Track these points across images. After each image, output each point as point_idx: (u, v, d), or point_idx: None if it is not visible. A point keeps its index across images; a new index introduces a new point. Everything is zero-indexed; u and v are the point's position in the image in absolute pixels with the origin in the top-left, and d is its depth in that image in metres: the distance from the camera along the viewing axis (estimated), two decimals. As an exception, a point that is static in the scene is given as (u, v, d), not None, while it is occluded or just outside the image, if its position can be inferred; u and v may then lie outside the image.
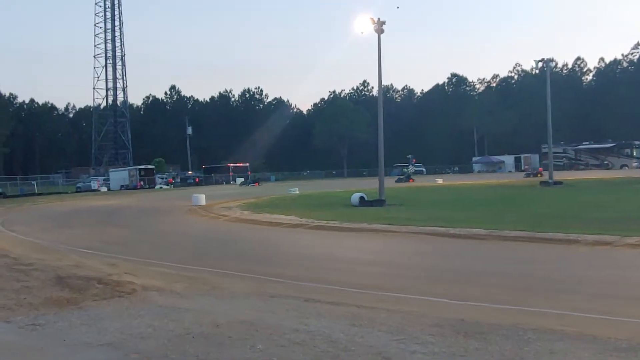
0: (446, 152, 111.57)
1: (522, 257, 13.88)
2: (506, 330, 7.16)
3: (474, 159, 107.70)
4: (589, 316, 8.04)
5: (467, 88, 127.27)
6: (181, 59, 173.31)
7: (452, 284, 10.88)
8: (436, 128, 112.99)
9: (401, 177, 66.16)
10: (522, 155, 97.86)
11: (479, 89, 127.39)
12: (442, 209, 26.54)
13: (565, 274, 11.63)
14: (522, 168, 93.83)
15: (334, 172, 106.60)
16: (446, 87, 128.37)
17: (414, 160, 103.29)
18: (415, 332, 7.17)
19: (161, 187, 74.94)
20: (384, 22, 31.20)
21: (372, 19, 31.29)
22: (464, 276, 11.67)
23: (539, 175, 64.52)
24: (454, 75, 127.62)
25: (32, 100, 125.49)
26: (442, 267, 13.15)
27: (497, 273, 11.93)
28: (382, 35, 31.36)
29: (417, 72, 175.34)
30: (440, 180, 61.27)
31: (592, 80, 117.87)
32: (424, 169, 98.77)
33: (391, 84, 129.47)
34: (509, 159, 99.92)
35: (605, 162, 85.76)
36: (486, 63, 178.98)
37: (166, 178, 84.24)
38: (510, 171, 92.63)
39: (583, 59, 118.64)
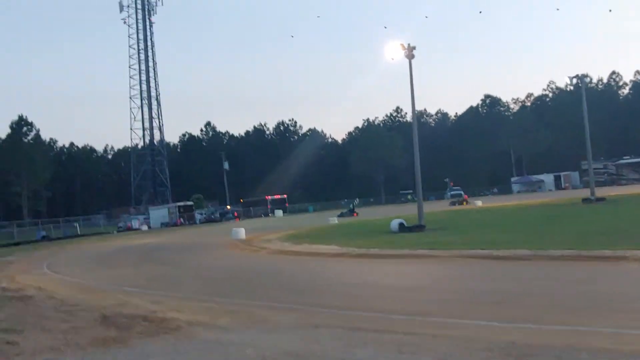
0: (484, 174, 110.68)
1: (569, 277, 13.59)
2: (559, 351, 6.98)
3: (513, 179, 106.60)
4: (643, 334, 7.81)
5: (502, 108, 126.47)
6: (215, 95, 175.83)
7: (499, 306, 10.67)
8: (472, 150, 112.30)
9: (344, 212, 62.09)
10: (562, 174, 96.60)
11: (513, 108, 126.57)
12: (484, 232, 26.22)
13: (615, 291, 11.34)
14: (563, 186, 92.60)
15: (371, 200, 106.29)
16: (480, 109, 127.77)
17: (452, 184, 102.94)
18: (464, 357, 7.04)
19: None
20: (414, 48, 31.26)
21: (402, 45, 31.37)
22: (511, 298, 11.44)
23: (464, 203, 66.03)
24: (487, 96, 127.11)
25: (71, 144, 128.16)
26: (488, 289, 12.92)
27: (545, 294, 11.68)
28: (413, 60, 31.41)
29: (450, 95, 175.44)
30: (479, 203, 60.70)
31: (628, 93, 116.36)
32: (462, 193, 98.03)
33: (424, 109, 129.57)
34: (548, 178, 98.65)
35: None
36: (519, 82, 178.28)
37: (205, 214, 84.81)
38: (550, 190, 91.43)
39: (618, 73, 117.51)
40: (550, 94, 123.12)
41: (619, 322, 8.48)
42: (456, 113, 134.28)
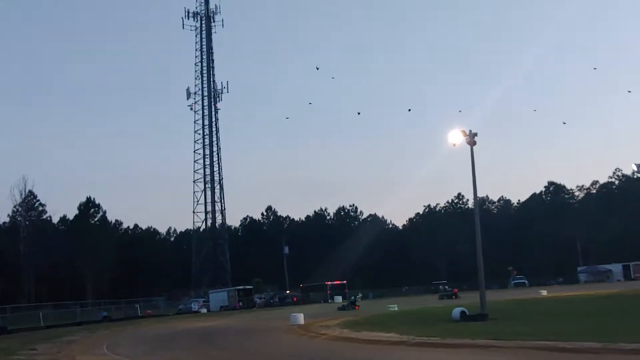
0: (548, 262, 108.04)
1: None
2: None
3: (579, 268, 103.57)
4: None
5: (566, 196, 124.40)
6: (277, 180, 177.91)
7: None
8: (536, 238, 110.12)
9: (345, 305, 55.44)
10: (631, 263, 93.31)
11: (578, 196, 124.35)
12: (549, 322, 25.36)
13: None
14: (632, 276, 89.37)
15: (432, 287, 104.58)
16: (544, 196, 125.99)
17: (515, 273, 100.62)
18: None
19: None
20: (475, 134, 31.22)
21: (463, 131, 31.36)
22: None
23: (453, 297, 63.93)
24: (551, 183, 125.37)
25: (135, 226, 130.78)
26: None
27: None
28: (474, 147, 31.33)
29: (513, 181, 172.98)
30: (544, 292, 58.99)
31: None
32: (526, 281, 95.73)
33: (487, 195, 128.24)
34: (616, 268, 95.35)
35: None
36: (584, 169, 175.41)
37: (264, 298, 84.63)
38: (619, 280, 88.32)
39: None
40: (617, 182, 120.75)
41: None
42: (519, 200, 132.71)
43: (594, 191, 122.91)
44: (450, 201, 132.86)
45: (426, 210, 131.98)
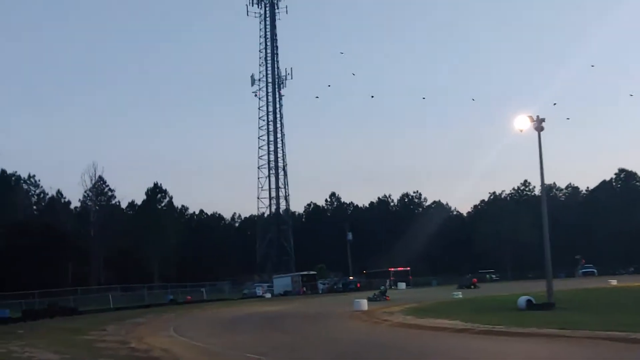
0: (618, 251, 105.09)
1: None
2: None
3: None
4: None
5: (637, 183, 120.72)
6: (340, 166, 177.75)
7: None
8: (605, 226, 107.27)
9: (375, 294, 49.21)
10: None
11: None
12: (619, 313, 24.74)
13: None
14: None
15: (497, 276, 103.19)
16: (614, 183, 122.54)
17: (583, 262, 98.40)
18: None
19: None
20: (543, 120, 30.65)
21: (530, 117, 30.83)
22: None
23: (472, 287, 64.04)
24: (621, 170, 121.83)
25: (201, 211, 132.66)
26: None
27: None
28: (542, 133, 30.75)
29: (581, 168, 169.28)
30: (614, 282, 57.57)
31: None
32: (595, 270, 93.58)
33: (554, 182, 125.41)
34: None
35: None
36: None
37: (328, 284, 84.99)
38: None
39: None
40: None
41: None
42: (587, 187, 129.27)
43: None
44: (515, 188, 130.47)
45: (491, 197, 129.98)
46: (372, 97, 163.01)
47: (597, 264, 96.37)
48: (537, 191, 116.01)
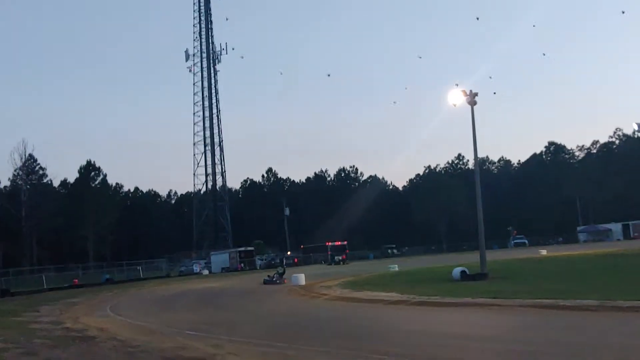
0: (548, 222, 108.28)
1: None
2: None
3: (579, 228, 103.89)
4: None
5: (566, 156, 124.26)
6: (277, 141, 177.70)
7: (571, 358, 10.30)
8: (536, 198, 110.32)
9: (270, 276, 42.14)
10: (631, 223, 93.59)
11: (578, 156, 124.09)
12: (549, 281, 25.49)
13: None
14: (632, 235, 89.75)
15: (432, 248, 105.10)
16: (544, 156, 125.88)
17: (515, 232, 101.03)
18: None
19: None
20: (476, 94, 31.07)
21: (464, 91, 31.21)
22: (578, 352, 11.03)
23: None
24: (551, 143, 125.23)
25: (136, 189, 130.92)
26: (553, 341, 12.50)
27: (615, 348, 11.23)
28: (475, 107, 31.21)
29: (513, 142, 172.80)
30: (544, 252, 59.26)
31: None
32: (526, 241, 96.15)
33: (487, 156, 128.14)
34: (616, 227, 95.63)
35: None
36: (584, 129, 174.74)
37: (265, 259, 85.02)
38: (618, 239, 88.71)
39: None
40: (617, 141, 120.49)
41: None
42: (519, 160, 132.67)
43: (595, 151, 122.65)
44: (450, 162, 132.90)
45: (426, 171, 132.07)
46: (329, 75, 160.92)
47: (528, 235, 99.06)
48: (471, 165, 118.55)
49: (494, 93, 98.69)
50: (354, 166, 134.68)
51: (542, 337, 13.04)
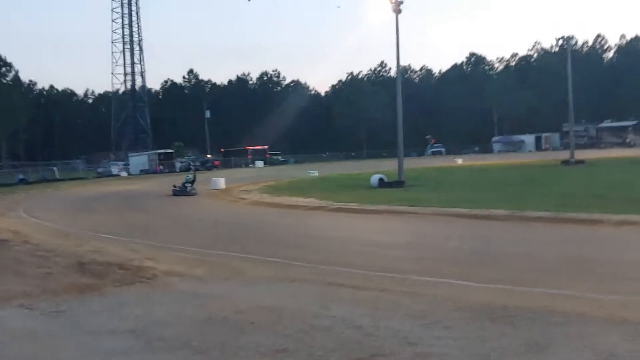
0: (466, 132, 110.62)
1: (546, 239, 13.70)
2: (533, 314, 7.01)
3: (494, 138, 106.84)
4: (618, 298, 7.83)
5: (486, 67, 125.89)
6: (198, 42, 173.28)
7: (476, 266, 10.72)
8: (455, 108, 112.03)
9: (178, 186, 33.93)
10: (543, 135, 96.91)
11: (497, 68, 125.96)
12: (463, 190, 26.28)
13: (592, 255, 11.43)
14: (543, 147, 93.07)
15: (353, 154, 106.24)
16: (464, 67, 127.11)
17: (433, 141, 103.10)
18: (440, 316, 7.06)
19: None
20: (401, 2, 30.85)
21: (389, -2, 30.96)
22: (489, 258, 11.50)
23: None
24: (472, 54, 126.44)
25: (51, 87, 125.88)
26: (465, 249, 12.98)
27: (522, 255, 11.76)
28: (399, 16, 31.07)
29: (435, 52, 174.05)
30: (460, 161, 60.87)
31: (613, 57, 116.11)
32: (443, 150, 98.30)
33: (409, 65, 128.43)
34: (529, 139, 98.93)
35: (627, 140, 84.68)
36: (505, 42, 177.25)
37: (185, 162, 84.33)
38: (530, 150, 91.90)
39: (604, 36, 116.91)
40: (535, 55, 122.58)
41: (596, 286, 8.54)
42: (440, 70, 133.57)
43: (513, 63, 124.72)
44: (372, 69, 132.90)
45: (349, 77, 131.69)
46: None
47: (446, 143, 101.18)
48: (393, 73, 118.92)
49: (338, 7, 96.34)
50: (276, 70, 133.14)
51: (455, 246, 13.51)
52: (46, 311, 8.01)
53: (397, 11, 30.81)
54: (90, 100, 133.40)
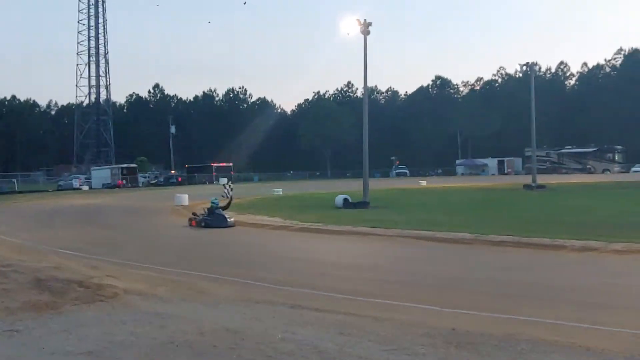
0: (431, 154, 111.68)
1: (509, 264, 13.77)
2: (498, 341, 6.99)
3: (458, 161, 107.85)
4: (581, 326, 7.87)
5: (452, 90, 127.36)
6: (165, 57, 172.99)
7: (441, 290, 10.73)
8: (420, 130, 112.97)
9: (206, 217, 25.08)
10: (505, 159, 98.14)
11: (462, 91, 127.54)
12: (428, 212, 26.41)
13: (554, 281, 11.50)
14: (505, 171, 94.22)
15: (317, 173, 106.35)
16: (430, 90, 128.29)
17: (398, 162, 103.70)
18: (405, 342, 7.00)
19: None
20: (370, 24, 31.14)
21: (358, 20, 31.23)
22: (453, 282, 11.52)
23: None
24: (438, 77, 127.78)
25: (13, 97, 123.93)
26: (430, 272, 12.98)
27: (486, 280, 11.80)
28: (368, 37, 31.29)
29: (402, 74, 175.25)
30: (424, 183, 61.20)
31: (575, 84, 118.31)
32: (407, 171, 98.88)
33: (375, 86, 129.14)
34: (492, 162, 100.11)
35: (588, 167, 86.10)
36: (470, 66, 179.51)
37: (148, 177, 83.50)
38: (493, 174, 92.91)
39: (566, 64, 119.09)
40: (500, 80, 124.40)
41: (559, 313, 8.58)
42: (406, 92, 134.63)
43: (478, 87, 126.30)
44: (339, 89, 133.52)
45: (315, 97, 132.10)
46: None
47: (410, 165, 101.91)
48: (359, 93, 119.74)
49: (244, 3, 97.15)
50: (243, 87, 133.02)
51: (420, 269, 13.52)
52: (1, 330, 7.78)
53: (366, 33, 31.06)
54: (53, 112, 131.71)
